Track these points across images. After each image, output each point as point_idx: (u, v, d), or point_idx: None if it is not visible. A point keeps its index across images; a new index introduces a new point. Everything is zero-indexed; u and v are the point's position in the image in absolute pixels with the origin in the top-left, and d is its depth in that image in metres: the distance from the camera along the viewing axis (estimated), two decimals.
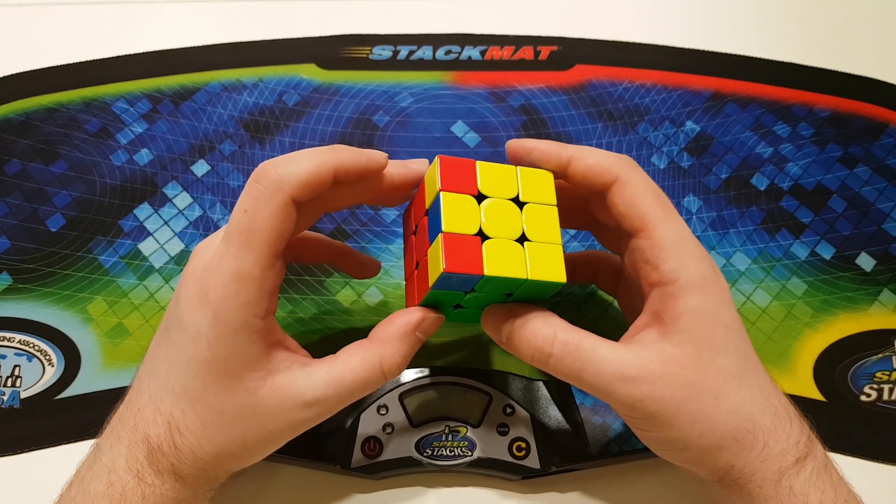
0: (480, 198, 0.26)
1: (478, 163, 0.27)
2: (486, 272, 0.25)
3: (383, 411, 0.33)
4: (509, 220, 0.26)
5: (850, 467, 0.34)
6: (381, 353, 0.27)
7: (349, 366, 0.26)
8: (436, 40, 0.47)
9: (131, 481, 0.25)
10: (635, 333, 0.27)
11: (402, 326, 0.27)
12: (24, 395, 0.36)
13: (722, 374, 0.25)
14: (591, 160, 0.27)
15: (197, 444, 0.26)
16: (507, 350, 0.28)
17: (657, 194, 0.27)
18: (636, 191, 0.26)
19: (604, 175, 0.27)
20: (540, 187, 0.27)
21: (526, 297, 0.28)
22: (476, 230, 0.26)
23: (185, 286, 0.26)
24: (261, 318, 0.25)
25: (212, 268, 0.25)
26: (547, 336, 0.26)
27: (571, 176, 0.28)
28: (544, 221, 0.27)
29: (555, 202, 0.27)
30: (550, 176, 0.28)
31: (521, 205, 0.27)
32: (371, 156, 0.27)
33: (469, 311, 0.29)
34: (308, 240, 0.33)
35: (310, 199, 0.26)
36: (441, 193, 0.26)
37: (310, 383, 0.26)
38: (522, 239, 0.26)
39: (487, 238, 0.26)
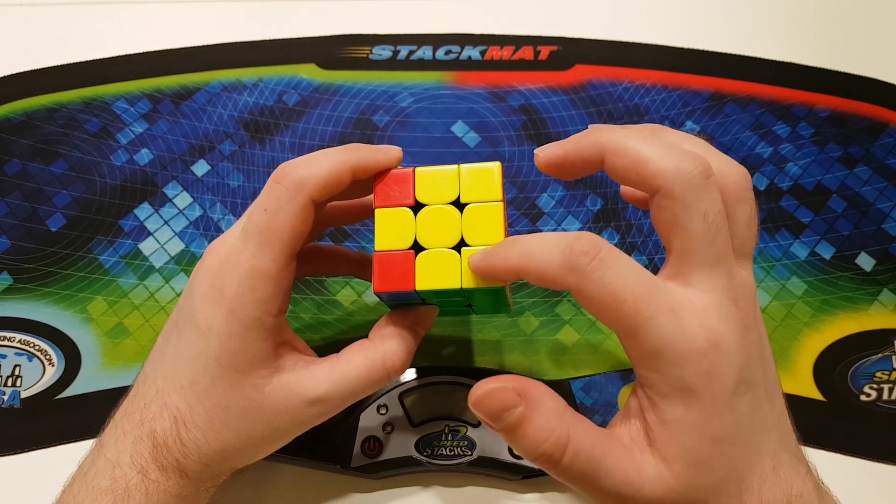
0: (419, 207, 0.26)
1: (416, 170, 0.26)
2: (417, 287, 0.25)
3: (383, 411, 0.33)
4: (446, 228, 0.26)
5: (850, 467, 0.34)
6: (383, 351, 0.27)
7: (352, 364, 0.27)
8: (436, 40, 0.47)
9: (135, 477, 0.25)
10: (626, 419, 0.24)
11: (399, 323, 0.28)
12: (24, 394, 0.36)
13: (703, 492, 0.23)
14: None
15: (203, 439, 0.26)
16: (499, 434, 0.23)
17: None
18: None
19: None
20: (484, 184, 0.26)
21: (482, 302, 0.28)
22: (410, 244, 0.26)
23: (200, 282, 0.26)
24: (273, 316, 0.26)
25: (228, 265, 0.25)
26: (559, 441, 0.22)
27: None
28: (486, 221, 0.25)
29: (500, 197, 0.26)
30: (495, 169, 0.26)
31: (462, 207, 0.26)
32: (386, 151, 0.27)
33: (456, 304, 0.29)
34: (326, 253, 0.33)
35: (328, 198, 0.26)
36: (375, 211, 0.26)
37: (314, 382, 0.26)
38: (461, 245, 0.25)
39: (423, 250, 0.25)
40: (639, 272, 0.22)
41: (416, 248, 0.26)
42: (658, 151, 0.22)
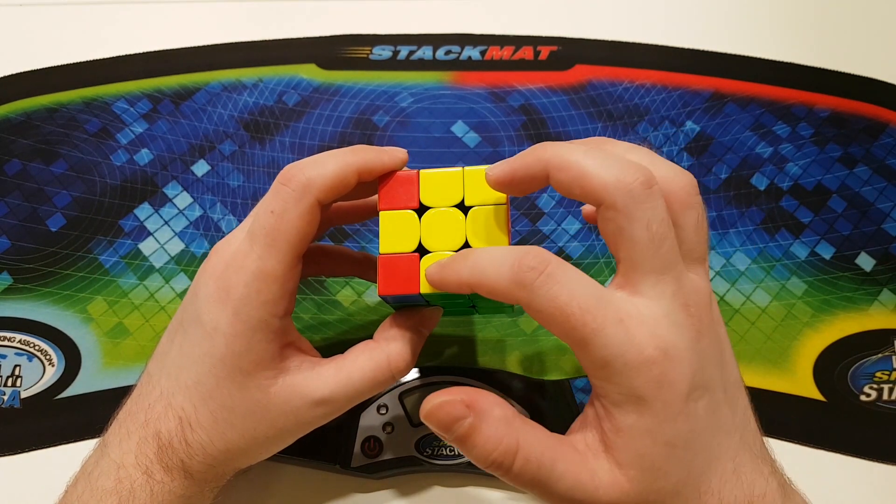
0: (424, 209, 0.26)
1: (421, 172, 0.26)
2: (422, 290, 0.25)
3: (383, 411, 0.33)
4: (451, 231, 0.26)
5: (851, 467, 0.34)
6: (388, 352, 0.27)
7: (357, 365, 0.27)
8: (436, 40, 0.47)
9: (140, 478, 0.25)
10: (582, 426, 0.24)
11: (403, 324, 0.28)
12: (24, 394, 0.36)
13: (659, 496, 0.23)
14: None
15: (208, 440, 0.26)
16: (452, 444, 0.24)
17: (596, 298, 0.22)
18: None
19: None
20: (488, 186, 0.26)
21: (485, 303, 0.28)
22: (415, 247, 0.26)
23: (205, 283, 0.26)
24: (279, 317, 0.26)
25: (234, 266, 0.25)
26: (509, 448, 0.23)
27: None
28: (490, 224, 0.25)
29: (504, 200, 0.26)
30: None
31: (467, 209, 0.26)
32: (392, 154, 0.27)
33: (460, 306, 0.29)
34: (328, 253, 0.34)
35: (334, 200, 0.26)
36: (379, 213, 0.26)
37: (319, 383, 0.26)
38: (465, 247, 0.25)
39: (428, 252, 0.25)
40: (586, 285, 0.22)
41: (421, 250, 0.26)
42: (600, 164, 0.23)
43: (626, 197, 0.22)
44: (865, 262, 0.39)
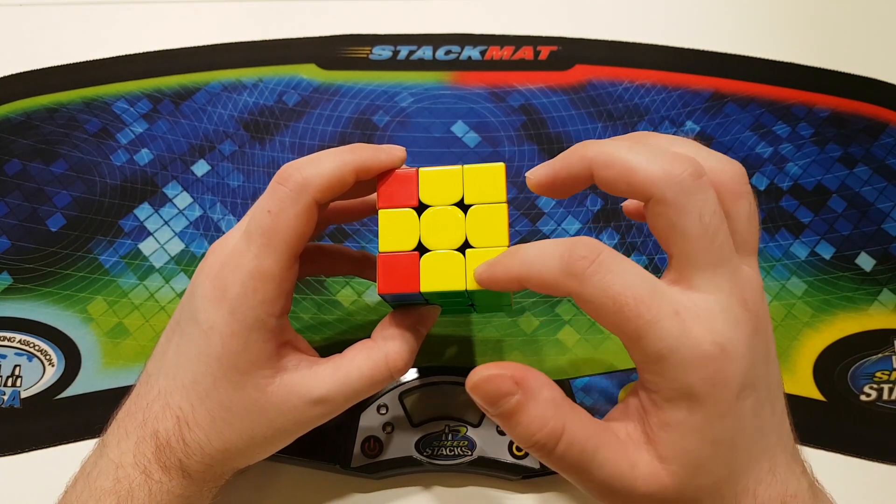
0: (423, 207, 0.26)
1: (420, 170, 0.26)
2: (422, 289, 0.25)
3: (383, 411, 0.33)
4: (450, 229, 0.26)
5: (850, 467, 0.34)
6: (386, 351, 0.27)
7: (355, 364, 0.27)
8: (436, 40, 0.47)
9: (138, 478, 0.25)
10: (624, 415, 0.24)
11: (401, 323, 0.28)
12: (24, 394, 0.36)
13: (697, 493, 0.23)
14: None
15: (205, 439, 0.26)
16: (494, 419, 0.23)
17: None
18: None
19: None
20: (488, 185, 0.26)
21: (484, 301, 0.28)
22: (414, 245, 0.26)
23: (202, 283, 0.26)
24: (276, 317, 0.26)
25: (231, 265, 0.25)
26: (554, 431, 0.22)
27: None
28: (490, 222, 0.25)
29: (504, 199, 0.26)
30: (501, 169, 0.26)
31: (466, 208, 0.26)
32: (390, 151, 0.27)
33: (458, 304, 0.29)
34: (327, 253, 0.34)
35: (331, 199, 0.26)
36: (378, 212, 0.26)
37: (317, 382, 0.26)
38: (465, 246, 0.25)
39: (427, 251, 0.25)
40: (640, 275, 0.22)
41: (421, 249, 0.26)
42: (646, 158, 0.22)
43: (675, 190, 0.22)
44: (865, 262, 0.39)
